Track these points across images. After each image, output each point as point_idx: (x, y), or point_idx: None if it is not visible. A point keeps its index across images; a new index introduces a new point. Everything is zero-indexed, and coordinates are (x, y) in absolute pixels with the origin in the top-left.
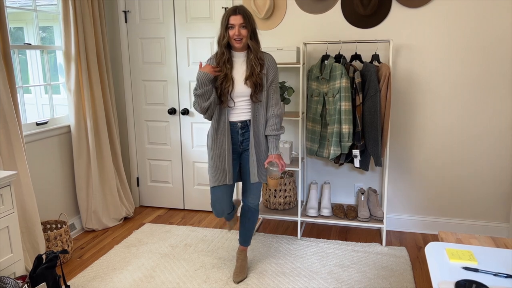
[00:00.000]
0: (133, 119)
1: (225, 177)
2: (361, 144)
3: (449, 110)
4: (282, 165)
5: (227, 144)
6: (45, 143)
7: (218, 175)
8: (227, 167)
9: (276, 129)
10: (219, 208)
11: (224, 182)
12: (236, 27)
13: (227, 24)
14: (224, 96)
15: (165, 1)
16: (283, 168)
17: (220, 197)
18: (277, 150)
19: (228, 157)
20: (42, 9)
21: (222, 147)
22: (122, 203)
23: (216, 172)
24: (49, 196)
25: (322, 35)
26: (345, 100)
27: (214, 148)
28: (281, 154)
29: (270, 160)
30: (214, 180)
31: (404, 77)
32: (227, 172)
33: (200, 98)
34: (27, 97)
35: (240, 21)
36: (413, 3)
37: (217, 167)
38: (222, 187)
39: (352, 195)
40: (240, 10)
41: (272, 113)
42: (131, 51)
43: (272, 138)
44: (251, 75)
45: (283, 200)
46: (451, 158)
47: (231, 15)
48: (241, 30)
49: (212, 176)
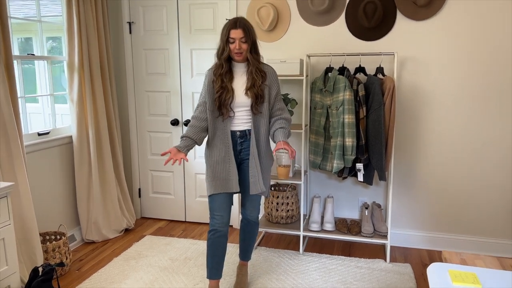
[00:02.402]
0: (136, 130)
1: (227, 185)
2: (364, 157)
3: (454, 123)
4: (292, 151)
5: (227, 152)
6: (47, 153)
7: (216, 182)
8: (230, 175)
9: (285, 125)
10: (218, 217)
11: (224, 190)
12: (236, 41)
13: (228, 38)
14: (225, 108)
15: (169, 13)
16: (293, 155)
17: (220, 205)
18: (286, 137)
19: (230, 164)
20: (50, 20)
21: (220, 154)
22: (123, 214)
23: (214, 180)
24: (50, 206)
25: (326, 48)
26: (349, 113)
27: (211, 156)
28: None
29: (279, 148)
30: (212, 187)
31: (409, 90)
32: (229, 180)
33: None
34: (35, 106)
35: (241, 35)
36: (418, 16)
37: (215, 175)
38: (223, 195)
39: (356, 209)
40: (241, 23)
41: (281, 115)
42: (135, 62)
43: (281, 130)
44: (252, 86)
45: (285, 214)
46: (456, 172)
47: (232, 28)
48: (242, 44)
49: (210, 184)
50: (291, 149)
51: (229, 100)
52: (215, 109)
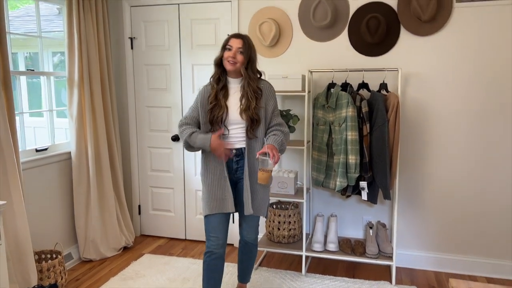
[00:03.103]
0: (136, 146)
1: (222, 205)
2: (368, 175)
3: (460, 140)
4: (273, 155)
5: (222, 170)
6: (44, 170)
7: (212, 202)
8: (225, 194)
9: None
10: (214, 238)
11: (220, 210)
12: (233, 49)
13: (226, 44)
14: (217, 124)
15: (171, 28)
16: (275, 160)
17: (216, 226)
18: (276, 143)
19: (225, 183)
20: (53, 35)
21: (216, 173)
22: (122, 232)
23: (209, 200)
24: (47, 224)
25: (329, 63)
26: (352, 129)
27: (206, 174)
28: (286, 180)
29: (263, 151)
30: (207, 208)
31: (413, 106)
32: (224, 200)
33: (190, 149)
34: (40, 121)
35: (239, 45)
36: (422, 31)
37: (211, 194)
38: (218, 216)
39: (360, 228)
40: (244, 37)
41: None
42: (136, 78)
43: (272, 136)
44: (247, 109)
45: (287, 233)
46: (463, 191)
47: (233, 37)
48: (237, 55)
49: (205, 204)
50: (275, 153)
51: (221, 116)
52: (208, 124)
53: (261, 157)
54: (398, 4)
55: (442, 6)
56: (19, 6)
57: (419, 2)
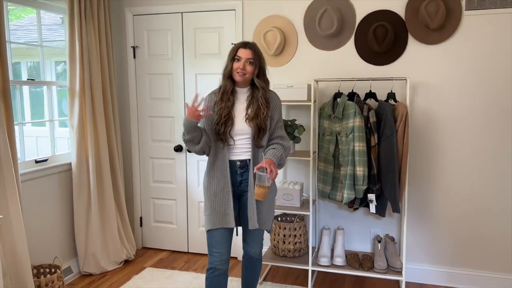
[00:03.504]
0: (138, 156)
1: (224, 219)
2: (377, 188)
3: (471, 151)
4: (271, 171)
5: (225, 183)
6: (44, 181)
7: (214, 217)
8: (227, 208)
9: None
10: (217, 254)
11: (222, 225)
12: (242, 60)
13: (234, 55)
14: (224, 135)
15: (174, 37)
16: (272, 175)
17: (219, 241)
18: (275, 158)
19: (228, 197)
20: (55, 45)
21: (219, 186)
22: (123, 245)
23: (212, 214)
24: (46, 237)
25: (335, 72)
26: (359, 140)
27: (209, 187)
28: (291, 192)
29: (261, 166)
30: (209, 222)
31: (422, 116)
32: (226, 214)
33: (189, 143)
34: (43, 130)
35: (249, 55)
36: (431, 39)
37: (213, 208)
38: (221, 230)
39: (368, 241)
40: (251, 45)
41: (278, 141)
42: (139, 87)
43: (272, 150)
44: (255, 117)
45: (292, 247)
46: (475, 203)
47: (241, 47)
48: (247, 66)
49: (208, 218)
50: (272, 169)
51: (228, 128)
52: (214, 134)
53: (258, 172)
54: (405, 12)
55: (451, 14)
56: (23, 16)
57: (428, 10)
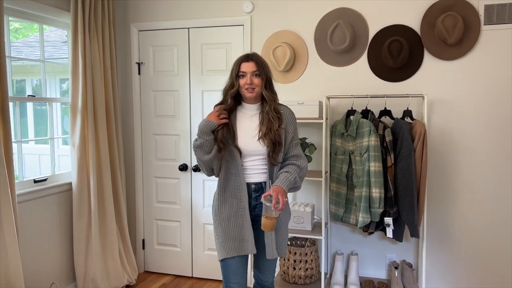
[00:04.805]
0: (142, 176)
1: (242, 245)
2: (394, 211)
3: (492, 172)
4: (281, 202)
5: (239, 207)
6: (43, 202)
7: (229, 244)
8: (244, 233)
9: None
10: (236, 285)
11: (239, 252)
12: (248, 75)
13: (238, 71)
14: (232, 154)
15: (180, 53)
16: (279, 207)
17: (237, 271)
18: (285, 185)
19: (244, 221)
20: (62, 62)
21: (232, 210)
22: (124, 269)
23: (225, 241)
24: (43, 261)
25: (347, 89)
26: (375, 160)
27: (220, 211)
28: (302, 215)
29: (268, 194)
30: (223, 250)
31: (439, 135)
32: (243, 240)
33: (199, 150)
34: (45, 148)
35: (253, 68)
36: (448, 55)
37: (227, 234)
38: (237, 259)
39: (383, 267)
40: (253, 57)
41: (294, 162)
42: (143, 104)
43: (285, 173)
44: (268, 132)
45: (303, 273)
46: (499, 228)
47: (243, 61)
48: (254, 79)
49: (221, 246)
50: (280, 198)
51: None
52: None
53: (265, 203)
54: (421, 26)
55: (468, 28)
56: (29, 34)
57: (445, 25)
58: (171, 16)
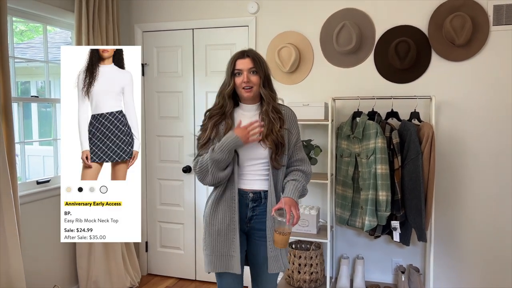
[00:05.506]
0: (145, 177)
1: (228, 262)
2: (401, 214)
3: (502, 176)
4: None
5: (232, 219)
6: (46, 203)
7: (214, 258)
8: (232, 250)
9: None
10: None
11: (225, 269)
12: (244, 72)
13: (233, 69)
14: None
15: (184, 54)
16: (293, 222)
17: (231, 285)
18: (295, 196)
19: (234, 236)
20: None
21: (224, 222)
22: (127, 271)
23: (211, 254)
24: (45, 263)
25: (353, 90)
26: (382, 162)
27: (212, 222)
28: (307, 218)
29: (279, 207)
30: (209, 264)
31: (447, 137)
32: (230, 256)
33: (215, 166)
34: (49, 150)
35: (249, 65)
36: (456, 56)
37: (214, 247)
38: (231, 274)
39: (389, 271)
40: (249, 53)
41: (298, 167)
42: (147, 105)
43: (292, 182)
44: (270, 133)
45: (308, 277)
46: (509, 233)
47: (238, 58)
48: (251, 76)
49: (207, 259)
50: (294, 212)
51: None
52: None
53: (277, 218)
54: (428, 27)
55: (477, 29)
56: (34, 36)
57: (453, 25)
58: (176, 17)
